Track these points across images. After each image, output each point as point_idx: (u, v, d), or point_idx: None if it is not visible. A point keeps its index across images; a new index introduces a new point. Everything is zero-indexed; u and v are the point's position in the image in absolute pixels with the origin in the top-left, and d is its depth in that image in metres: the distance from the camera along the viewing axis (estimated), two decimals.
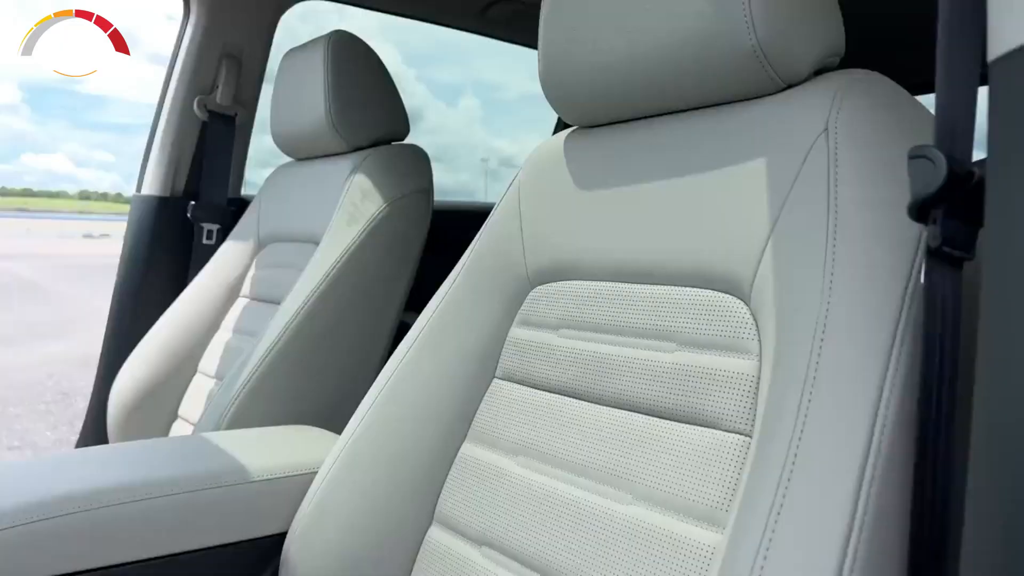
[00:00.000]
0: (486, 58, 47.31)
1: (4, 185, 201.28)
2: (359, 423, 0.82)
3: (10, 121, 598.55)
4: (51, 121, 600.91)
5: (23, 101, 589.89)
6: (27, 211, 60.53)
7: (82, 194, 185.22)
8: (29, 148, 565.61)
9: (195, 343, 1.38)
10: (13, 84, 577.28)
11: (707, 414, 0.59)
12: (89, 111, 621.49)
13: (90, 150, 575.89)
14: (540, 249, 0.79)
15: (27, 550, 0.69)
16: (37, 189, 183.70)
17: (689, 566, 0.55)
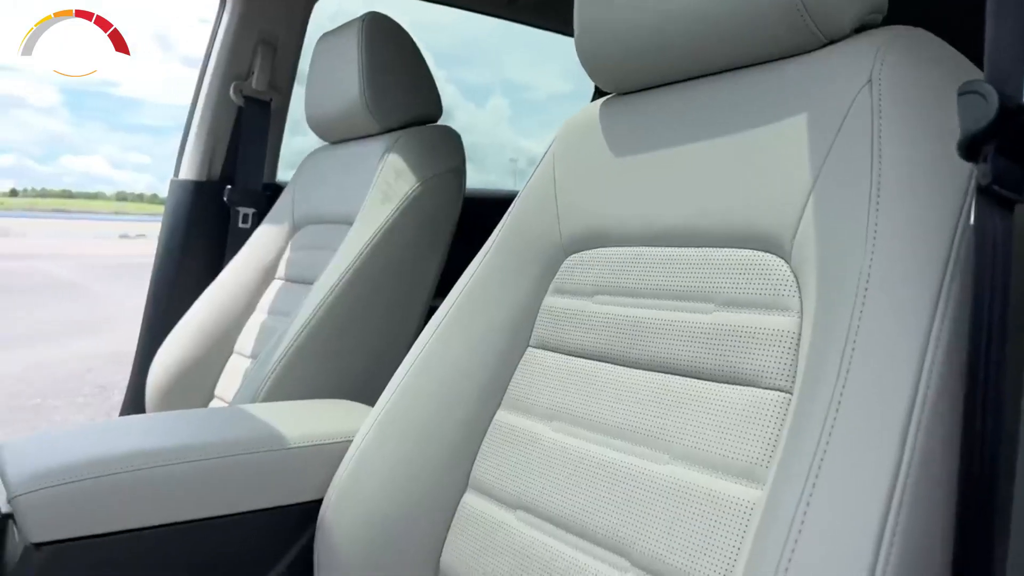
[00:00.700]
0: (514, 59, 46.70)
1: (45, 187, 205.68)
2: (393, 392, 0.82)
3: (49, 124, 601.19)
4: (88, 123, 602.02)
5: (61, 104, 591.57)
6: (66, 212, 61.83)
7: (119, 195, 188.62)
8: (68, 150, 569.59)
9: (231, 324, 1.39)
10: (52, 87, 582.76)
11: (746, 373, 0.58)
12: (125, 113, 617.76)
13: (126, 152, 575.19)
14: (575, 217, 0.79)
15: (70, 508, 0.70)
16: (76, 190, 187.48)
17: (728, 522, 0.54)
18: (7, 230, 26.38)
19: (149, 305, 1.52)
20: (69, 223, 34.97)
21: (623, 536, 0.60)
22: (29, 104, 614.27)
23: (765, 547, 0.47)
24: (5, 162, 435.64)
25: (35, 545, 0.69)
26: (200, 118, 1.53)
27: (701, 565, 0.54)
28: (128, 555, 0.72)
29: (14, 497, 0.69)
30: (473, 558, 0.72)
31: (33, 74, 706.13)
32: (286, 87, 1.58)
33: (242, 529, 0.78)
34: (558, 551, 0.65)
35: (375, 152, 1.24)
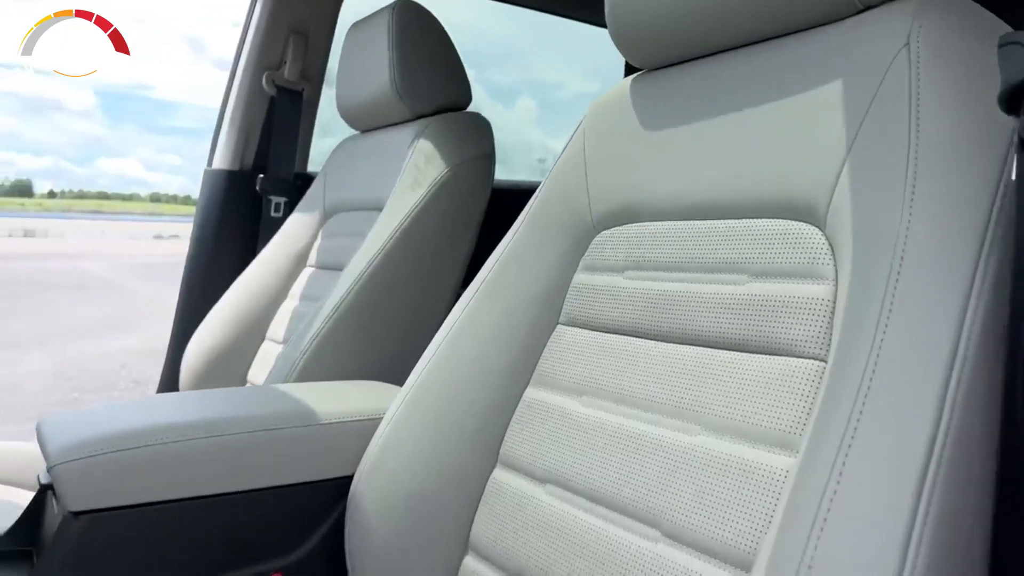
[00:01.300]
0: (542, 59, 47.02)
1: (82, 188, 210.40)
2: (422, 369, 0.83)
3: (86, 127, 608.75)
4: (123, 126, 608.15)
5: (97, 107, 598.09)
6: (102, 213, 63.05)
7: (153, 197, 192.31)
8: (104, 153, 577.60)
9: (263, 311, 1.41)
10: (89, 90, 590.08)
11: (780, 342, 0.58)
12: (159, 116, 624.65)
13: (160, 154, 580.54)
14: (605, 193, 0.78)
15: (107, 478, 0.71)
16: (111, 192, 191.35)
17: (760, 491, 0.53)
18: (46, 231, 26.97)
19: (183, 292, 1.54)
20: (105, 224, 35.67)
21: (654, 507, 0.60)
22: (67, 108, 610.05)
23: (796, 514, 0.46)
24: (44, 164, 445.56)
25: (73, 514, 0.70)
26: (233, 108, 1.55)
27: (732, 533, 0.54)
28: (163, 526, 0.74)
29: (53, 466, 0.71)
30: (502, 532, 0.72)
31: (72, 78, 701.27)
32: (317, 77, 1.60)
33: (275, 503, 0.79)
34: (588, 523, 0.64)
35: (405, 139, 1.25)
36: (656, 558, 0.58)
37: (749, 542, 0.52)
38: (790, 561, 0.44)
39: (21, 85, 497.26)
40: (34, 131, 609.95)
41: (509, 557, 0.70)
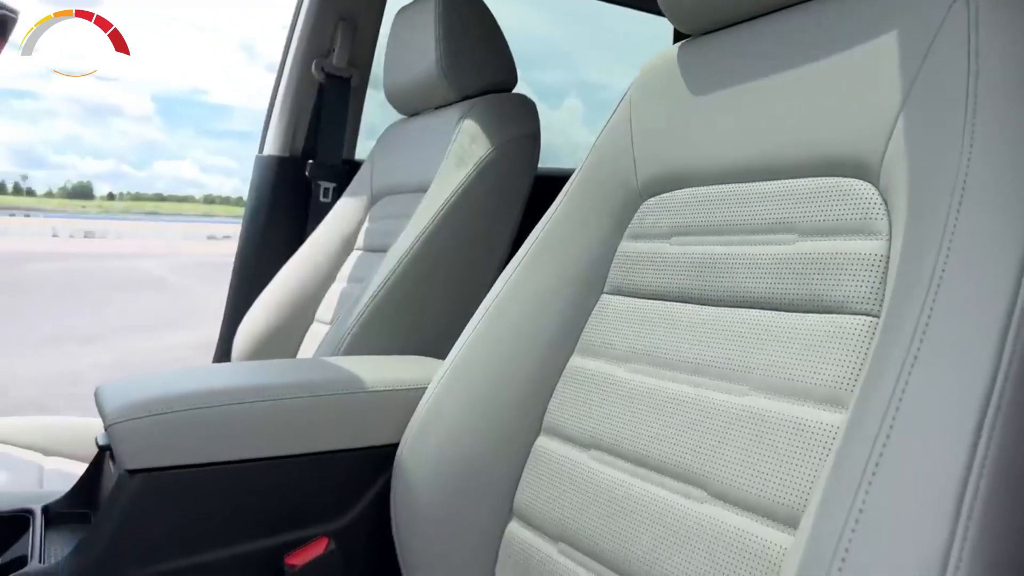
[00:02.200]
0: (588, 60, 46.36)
1: (139, 191, 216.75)
2: (467, 339, 0.83)
3: (144, 131, 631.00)
4: (179, 130, 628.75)
5: (155, 112, 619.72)
6: (159, 214, 64.92)
7: (207, 198, 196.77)
8: (161, 156, 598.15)
9: (312, 293, 1.43)
10: (147, 96, 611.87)
11: (831, 299, 0.56)
12: (213, 120, 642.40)
13: (214, 157, 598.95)
14: (651, 160, 0.77)
15: (161, 438, 0.73)
16: (167, 194, 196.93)
17: (809, 447, 0.52)
18: (105, 232, 27.87)
19: (235, 276, 1.58)
20: (161, 225, 36.69)
21: (700, 468, 0.59)
22: (126, 113, 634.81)
23: (844, 469, 0.45)
24: (104, 168, 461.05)
25: (129, 472, 0.73)
26: (283, 95, 1.58)
27: (780, 490, 0.53)
28: (214, 487, 0.75)
29: (110, 425, 0.73)
30: (547, 498, 0.72)
31: (130, 84, 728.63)
32: (365, 64, 1.62)
33: (322, 468, 0.80)
34: (633, 486, 0.64)
35: (450, 120, 1.26)
36: (702, 518, 0.57)
37: (797, 499, 0.51)
38: (837, 515, 0.43)
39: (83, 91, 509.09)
40: (95, 135, 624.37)
41: (553, 522, 0.70)
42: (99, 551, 0.71)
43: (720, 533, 0.55)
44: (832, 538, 0.41)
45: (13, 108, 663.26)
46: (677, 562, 0.57)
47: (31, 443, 1.23)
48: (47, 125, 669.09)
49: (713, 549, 0.55)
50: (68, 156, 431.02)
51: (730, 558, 0.54)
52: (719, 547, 0.55)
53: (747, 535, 0.53)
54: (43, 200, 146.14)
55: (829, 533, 0.42)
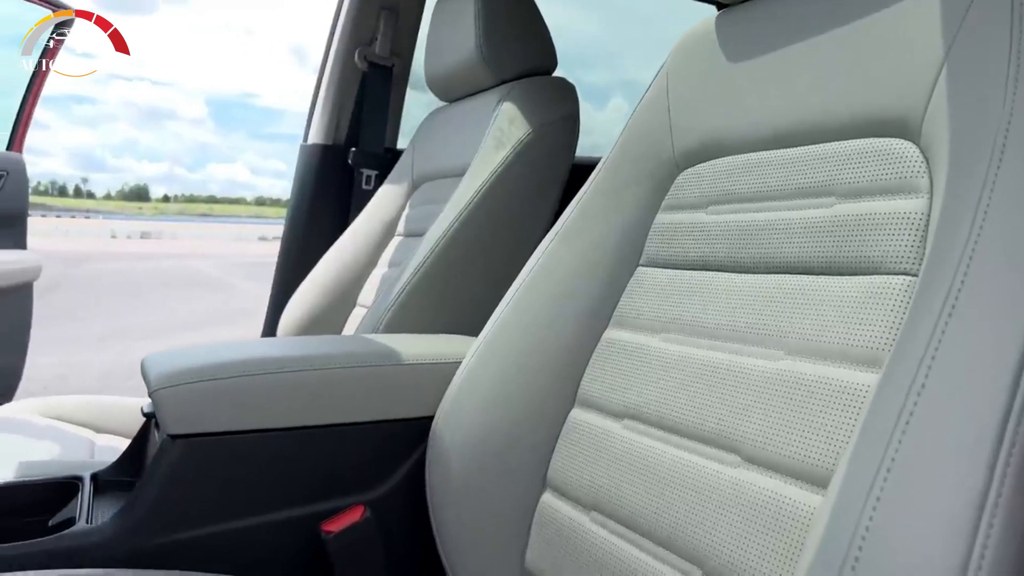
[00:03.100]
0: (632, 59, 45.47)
1: (193, 193, 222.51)
2: (502, 311, 0.83)
3: (198, 134, 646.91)
4: (232, 133, 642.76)
5: (208, 116, 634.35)
6: (211, 216, 66.57)
7: (258, 200, 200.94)
8: (214, 159, 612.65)
9: (354, 279, 1.45)
10: (200, 100, 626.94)
11: (869, 261, 0.55)
12: (264, 123, 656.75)
13: (265, 159, 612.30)
14: (688, 131, 0.77)
15: (203, 405, 0.75)
16: (220, 196, 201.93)
17: (845, 409, 0.51)
18: (160, 233, 28.64)
19: (280, 262, 1.61)
20: (214, 226, 37.56)
21: (733, 433, 0.58)
22: (180, 116, 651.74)
23: (876, 423, 0.43)
24: (159, 170, 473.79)
25: (172, 437, 0.74)
26: (327, 84, 1.60)
27: (814, 452, 0.51)
28: (254, 454, 0.77)
29: (154, 391, 0.75)
30: (580, 468, 0.72)
31: (185, 88, 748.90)
32: (407, 53, 1.63)
33: (359, 439, 0.81)
34: (666, 453, 0.63)
35: (489, 103, 1.26)
36: (736, 482, 0.56)
37: (832, 460, 0.50)
38: (868, 466, 0.41)
39: (140, 96, 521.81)
40: (151, 139, 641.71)
41: (586, 492, 0.70)
42: (142, 514, 0.73)
43: (753, 497, 0.54)
44: (863, 489, 0.40)
45: (74, 113, 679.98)
46: (709, 526, 0.56)
47: (84, 421, 1.27)
48: (106, 129, 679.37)
49: (746, 513, 0.54)
50: (125, 159, 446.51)
51: (763, 521, 0.53)
52: (752, 510, 0.54)
53: (780, 498, 0.52)
54: (102, 202, 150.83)
55: (860, 484, 0.41)
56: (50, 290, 6.83)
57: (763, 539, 0.52)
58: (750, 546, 0.53)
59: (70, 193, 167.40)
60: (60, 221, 36.41)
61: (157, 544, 0.73)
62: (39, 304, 2.06)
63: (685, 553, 0.58)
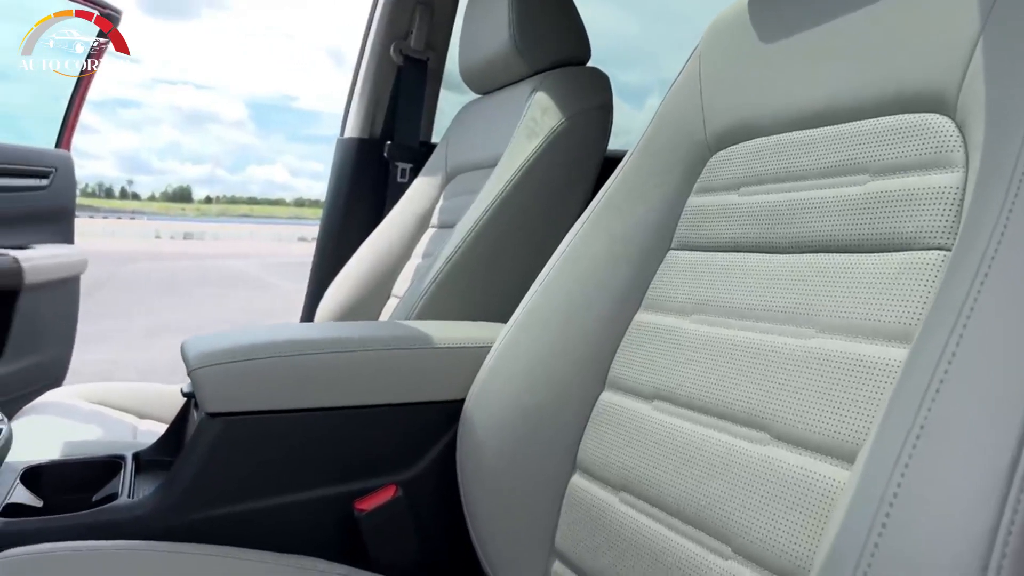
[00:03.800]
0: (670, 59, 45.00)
1: (234, 194, 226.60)
2: (532, 297, 0.84)
3: (238, 136, 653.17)
4: (271, 136, 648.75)
5: (248, 118, 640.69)
6: (251, 217, 67.68)
7: (297, 201, 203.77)
8: (254, 160, 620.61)
9: (389, 270, 1.47)
10: (240, 103, 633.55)
11: (903, 237, 0.54)
12: (302, 125, 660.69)
13: (303, 161, 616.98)
14: (721, 113, 0.76)
15: (239, 384, 0.77)
16: (260, 197, 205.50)
17: (876, 383, 0.50)
18: (203, 233, 29.20)
19: (317, 254, 1.63)
20: (254, 227, 38.21)
21: (763, 411, 0.58)
22: (222, 119, 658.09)
23: (906, 391, 0.43)
24: (202, 172, 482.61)
25: (209, 415, 0.76)
26: (363, 78, 1.62)
27: (844, 428, 0.51)
28: (289, 433, 0.78)
29: (192, 371, 0.77)
30: (609, 449, 0.72)
31: (226, 91, 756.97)
32: (442, 46, 1.65)
33: (392, 420, 0.82)
34: (695, 433, 0.63)
35: (523, 94, 1.26)
36: (765, 459, 0.56)
37: (861, 435, 0.50)
38: (894, 442, 0.41)
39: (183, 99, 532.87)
40: (193, 141, 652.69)
41: (615, 472, 0.70)
42: (180, 490, 0.75)
43: (782, 473, 0.54)
44: (891, 457, 0.40)
45: (120, 117, 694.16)
46: (738, 503, 0.56)
47: (127, 406, 1.30)
48: (150, 132, 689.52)
49: (775, 489, 0.54)
50: (169, 161, 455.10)
51: (792, 497, 0.52)
52: (781, 487, 0.53)
53: (810, 473, 0.52)
54: (146, 203, 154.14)
55: (888, 452, 0.41)
56: (97, 288, 7.01)
57: (792, 515, 0.52)
58: (779, 522, 0.52)
59: (116, 195, 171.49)
60: (107, 222, 37.34)
61: (194, 519, 0.75)
62: (87, 302, 2.12)
63: (714, 531, 0.58)
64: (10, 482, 0.78)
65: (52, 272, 1.92)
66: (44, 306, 1.88)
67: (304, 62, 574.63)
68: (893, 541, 0.38)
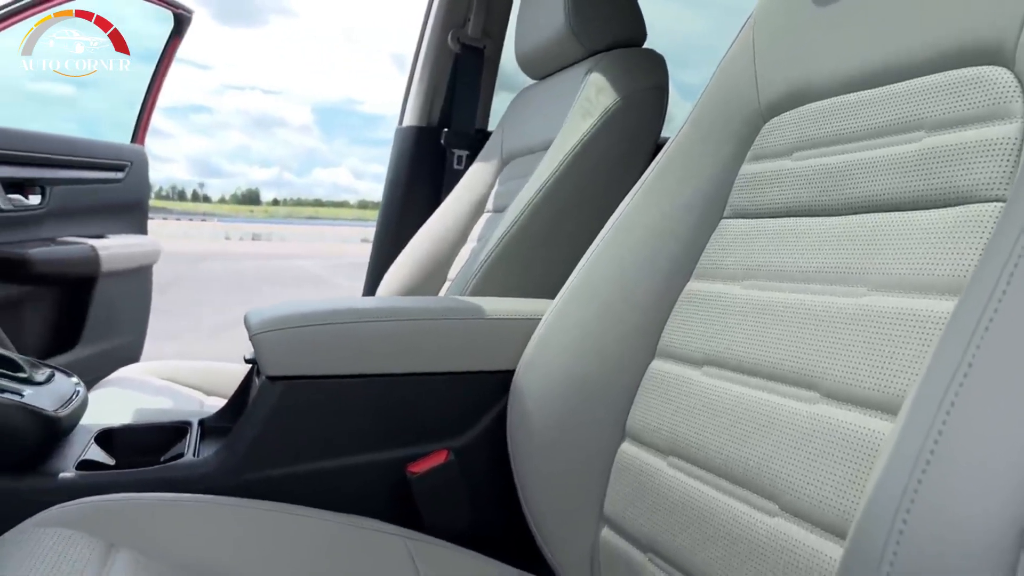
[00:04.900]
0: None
1: (300, 197, 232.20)
2: (583, 267, 0.84)
3: (304, 140, 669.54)
4: (336, 139, 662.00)
5: (314, 122, 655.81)
6: (317, 219, 69.17)
7: (360, 203, 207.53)
8: (319, 163, 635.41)
9: (445, 255, 1.49)
10: (307, 107, 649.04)
11: (958, 191, 0.53)
12: (366, 129, 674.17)
13: (367, 164, 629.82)
14: (774, 80, 0.75)
15: (298, 349, 0.79)
16: (325, 199, 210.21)
17: (930, 336, 0.49)
18: (270, 235, 30.01)
19: (376, 240, 1.67)
20: (320, 229, 39.12)
21: (813, 370, 0.57)
22: (288, 123, 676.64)
23: (947, 351, 0.42)
24: (269, 175, 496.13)
25: (270, 379, 0.79)
26: (421, 67, 1.65)
27: (895, 382, 0.50)
28: (346, 397, 0.81)
29: (253, 336, 0.80)
30: (658, 416, 0.72)
31: (293, 96, 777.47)
32: (498, 34, 1.66)
33: (444, 388, 0.84)
34: (743, 394, 0.63)
35: (578, 75, 1.27)
36: (813, 417, 0.55)
37: (910, 388, 0.49)
38: (934, 395, 0.40)
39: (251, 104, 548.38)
40: (261, 145, 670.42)
41: (664, 438, 0.70)
42: (242, 450, 0.78)
43: (831, 429, 0.53)
44: (931, 410, 0.39)
45: (192, 122, 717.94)
46: (786, 461, 0.55)
47: (195, 383, 1.36)
48: (221, 137, 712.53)
49: (823, 446, 0.53)
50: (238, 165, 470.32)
51: (840, 452, 0.52)
52: (829, 443, 0.53)
53: (859, 429, 0.51)
54: (217, 206, 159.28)
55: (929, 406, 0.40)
56: (171, 286, 7.28)
57: (839, 469, 0.51)
58: (826, 477, 0.52)
59: (188, 197, 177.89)
60: (179, 224, 38.69)
61: (254, 478, 0.78)
62: (160, 299, 2.20)
63: (761, 490, 0.57)
64: (85, 441, 0.83)
65: (127, 261, 2.00)
66: (119, 293, 1.97)
67: (368, 66, 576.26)
68: (930, 494, 0.38)
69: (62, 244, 1.81)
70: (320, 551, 0.70)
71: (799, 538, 0.53)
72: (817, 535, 0.52)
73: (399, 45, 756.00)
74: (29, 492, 0.72)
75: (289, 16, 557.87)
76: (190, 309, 6.43)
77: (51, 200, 1.80)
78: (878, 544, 0.39)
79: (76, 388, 0.84)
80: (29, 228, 1.74)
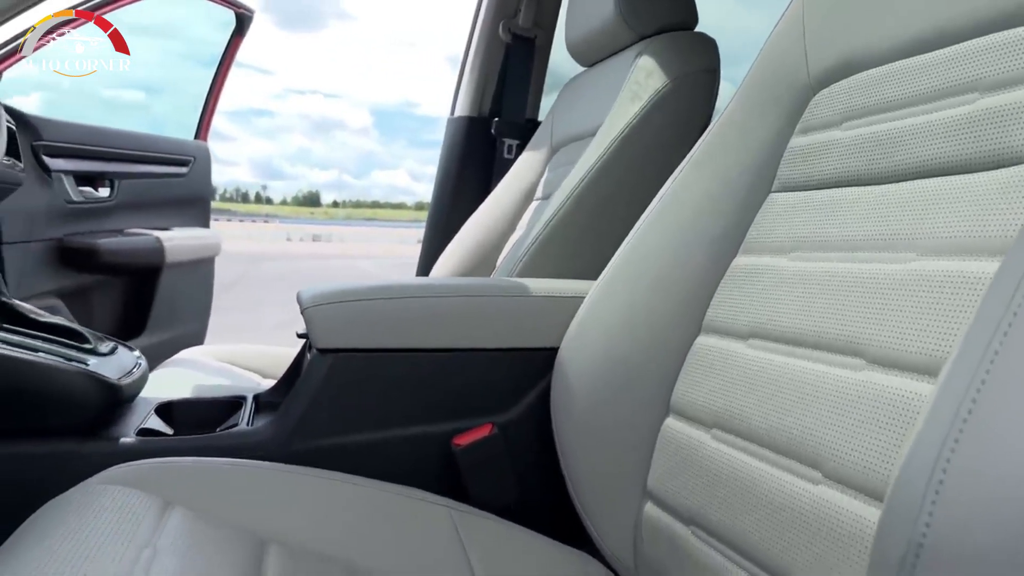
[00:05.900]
0: None
1: (359, 198, 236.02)
2: (629, 243, 0.84)
3: (363, 142, 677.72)
4: (393, 141, 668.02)
5: (372, 125, 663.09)
6: (375, 220, 70.27)
7: (418, 205, 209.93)
8: (377, 165, 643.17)
9: (494, 243, 1.50)
10: (365, 110, 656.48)
11: (1012, 152, 0.52)
12: (422, 131, 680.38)
13: (423, 166, 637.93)
14: (823, 50, 0.74)
15: (347, 322, 0.81)
16: (383, 201, 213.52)
17: (977, 299, 0.48)
18: (330, 235, 30.62)
19: (428, 228, 1.69)
20: (378, 230, 39.75)
21: (859, 337, 0.56)
22: (347, 126, 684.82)
23: (987, 314, 0.41)
24: (329, 177, 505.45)
25: (320, 351, 0.81)
26: (472, 57, 1.66)
27: (943, 345, 0.49)
28: (394, 371, 0.82)
29: (305, 310, 0.82)
30: (702, 390, 0.71)
31: (352, 100, 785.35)
32: (549, 24, 1.66)
33: (489, 364, 0.85)
34: (787, 364, 0.62)
35: (627, 60, 1.26)
36: (858, 383, 0.54)
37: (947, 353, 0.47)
38: (973, 355, 0.39)
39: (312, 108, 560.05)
40: (321, 148, 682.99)
41: (707, 411, 0.69)
42: (293, 420, 0.81)
43: (877, 394, 0.52)
44: (970, 368, 0.38)
45: (255, 126, 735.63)
46: (830, 427, 0.55)
47: (252, 367, 1.40)
48: (282, 140, 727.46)
49: (869, 411, 0.52)
50: (299, 167, 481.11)
51: (886, 417, 0.51)
52: (875, 408, 0.52)
53: (905, 393, 0.50)
54: (278, 207, 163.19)
55: (967, 367, 0.39)
56: (235, 285, 7.48)
57: (883, 435, 0.50)
58: (871, 443, 0.51)
59: (251, 199, 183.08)
60: (243, 225, 39.74)
61: (305, 448, 0.80)
62: (223, 297, 2.27)
63: (804, 458, 0.56)
64: (145, 412, 0.86)
65: (190, 252, 2.07)
66: (183, 283, 2.04)
67: (425, 69, 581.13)
68: (967, 454, 0.37)
69: (129, 235, 1.89)
70: (367, 517, 0.71)
71: (842, 504, 0.52)
72: (861, 501, 0.51)
73: (453, 47, 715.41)
74: (92, 455, 0.75)
75: (347, 20, 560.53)
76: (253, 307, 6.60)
77: (119, 193, 1.88)
78: (915, 504, 0.38)
79: (138, 361, 0.88)
80: (99, 219, 1.82)
